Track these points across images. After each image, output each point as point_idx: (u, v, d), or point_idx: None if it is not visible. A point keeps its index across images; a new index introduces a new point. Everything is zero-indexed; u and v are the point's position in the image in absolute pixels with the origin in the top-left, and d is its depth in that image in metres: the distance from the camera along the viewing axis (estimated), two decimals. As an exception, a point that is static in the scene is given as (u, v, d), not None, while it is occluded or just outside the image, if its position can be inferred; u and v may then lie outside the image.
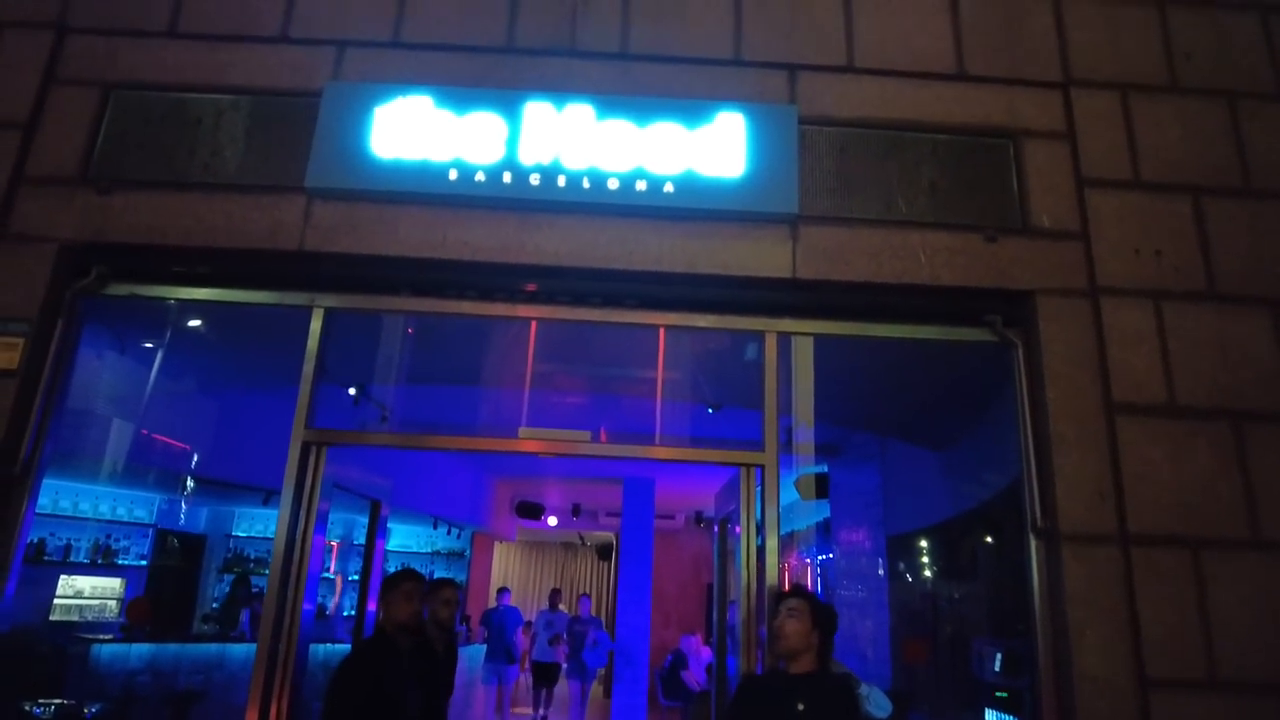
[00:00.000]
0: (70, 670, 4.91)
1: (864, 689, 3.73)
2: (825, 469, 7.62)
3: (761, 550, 3.29)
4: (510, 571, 15.19)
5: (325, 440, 3.34)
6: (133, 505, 7.58)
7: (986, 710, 4.11)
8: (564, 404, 4.95)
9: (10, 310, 3.27)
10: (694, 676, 9.15)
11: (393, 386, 4.73)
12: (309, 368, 3.37)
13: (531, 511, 11.22)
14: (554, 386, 4.14)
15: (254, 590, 7.65)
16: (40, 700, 4.09)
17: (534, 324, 3.84)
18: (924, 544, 6.17)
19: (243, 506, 9.17)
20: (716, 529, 4.18)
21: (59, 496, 6.96)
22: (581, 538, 15.44)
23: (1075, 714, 2.92)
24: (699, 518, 12.30)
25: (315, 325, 3.40)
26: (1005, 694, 4.01)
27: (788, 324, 3.51)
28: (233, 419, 6.37)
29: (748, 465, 3.39)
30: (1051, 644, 3.08)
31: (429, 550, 10.28)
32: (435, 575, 10.34)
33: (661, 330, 3.87)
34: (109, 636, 5.60)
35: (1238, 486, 3.15)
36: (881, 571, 6.98)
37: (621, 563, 9.62)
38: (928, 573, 6.15)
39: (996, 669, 4.12)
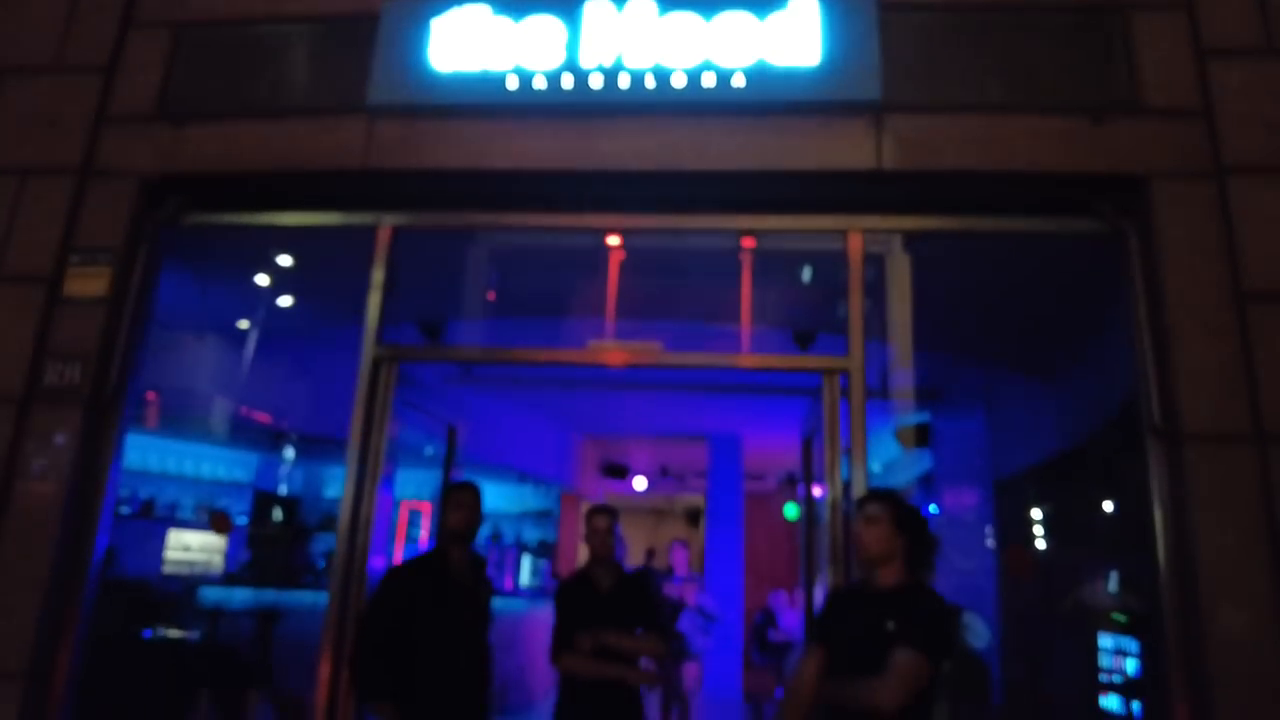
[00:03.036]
0: (178, 608, 5.15)
1: (966, 617, 3.50)
2: (927, 417, 7.26)
3: (847, 457, 3.10)
4: (600, 536, 15.19)
5: (396, 356, 3.30)
6: (232, 466, 7.88)
7: (1099, 634, 3.81)
8: (640, 329, 4.83)
9: (98, 241, 3.37)
10: (781, 633, 8.96)
11: (464, 321, 4.69)
12: (378, 277, 3.34)
13: (617, 472, 11.19)
14: (631, 314, 4.00)
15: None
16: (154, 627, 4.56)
17: (610, 251, 3.73)
18: (1034, 485, 5.78)
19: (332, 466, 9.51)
20: (801, 450, 3.98)
21: (165, 455, 7.30)
22: (670, 502, 15.39)
23: (1205, 631, 2.64)
24: (791, 479, 12.05)
25: (383, 239, 3.38)
26: (1124, 617, 3.69)
27: (874, 221, 3.28)
28: (320, 373, 6.53)
29: (831, 371, 3.19)
30: (1174, 555, 2.79)
31: (517, 511, 10.37)
32: (522, 538, 10.50)
33: (745, 253, 3.70)
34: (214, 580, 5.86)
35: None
36: (989, 527, 6.60)
37: (709, 525, 9.49)
38: (1038, 514, 5.75)
39: (1112, 590, 3.80)
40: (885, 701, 2.34)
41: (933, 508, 7.97)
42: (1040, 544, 5.62)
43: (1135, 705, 3.69)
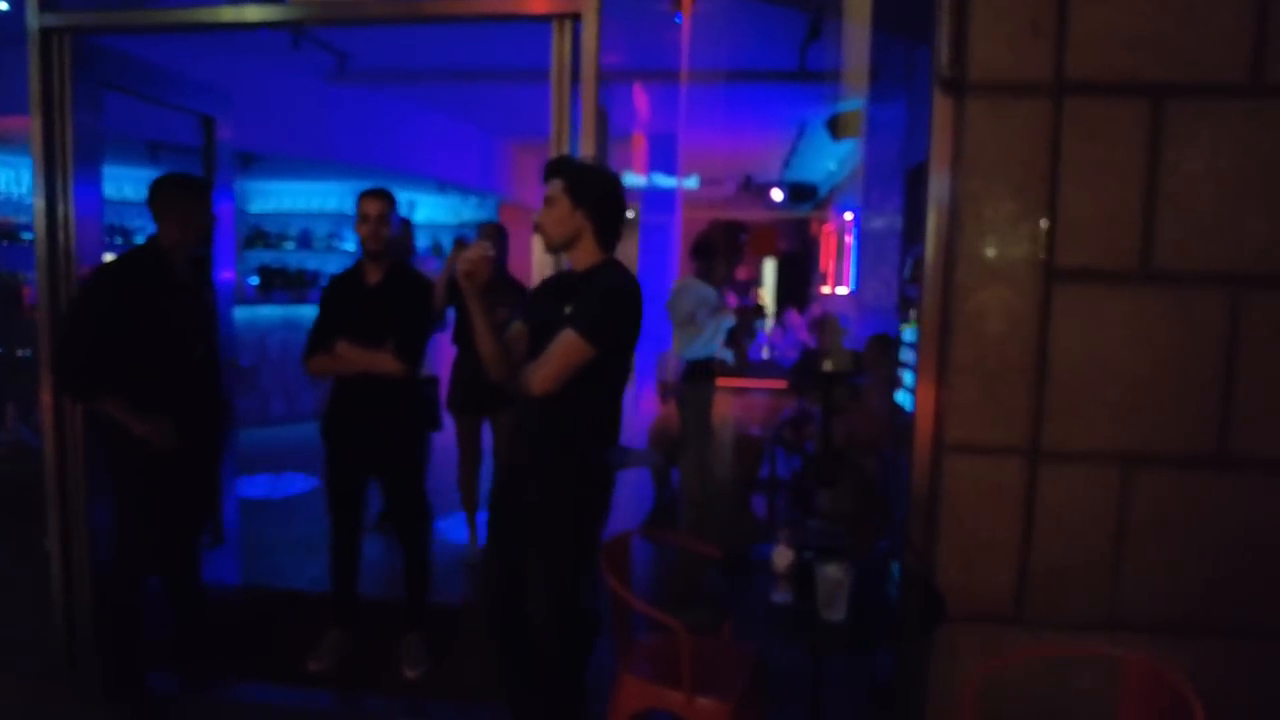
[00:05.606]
0: None
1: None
2: (861, 104, 6.58)
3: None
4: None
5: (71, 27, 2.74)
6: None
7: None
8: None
9: None
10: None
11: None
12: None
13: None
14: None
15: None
16: None
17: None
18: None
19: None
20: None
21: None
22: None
23: (956, 314, 2.32)
24: (748, 182, 11.46)
25: None
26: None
27: None
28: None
29: (560, 17, 2.60)
30: (945, 228, 2.39)
31: (455, 222, 10.06)
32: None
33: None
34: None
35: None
36: (901, 217, 6.15)
37: (643, 231, 9.11)
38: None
39: (908, 275, 3.49)
40: (531, 386, 2.14)
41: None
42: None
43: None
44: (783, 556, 1.99)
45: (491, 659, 2.55)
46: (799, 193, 11.03)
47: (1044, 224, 2.26)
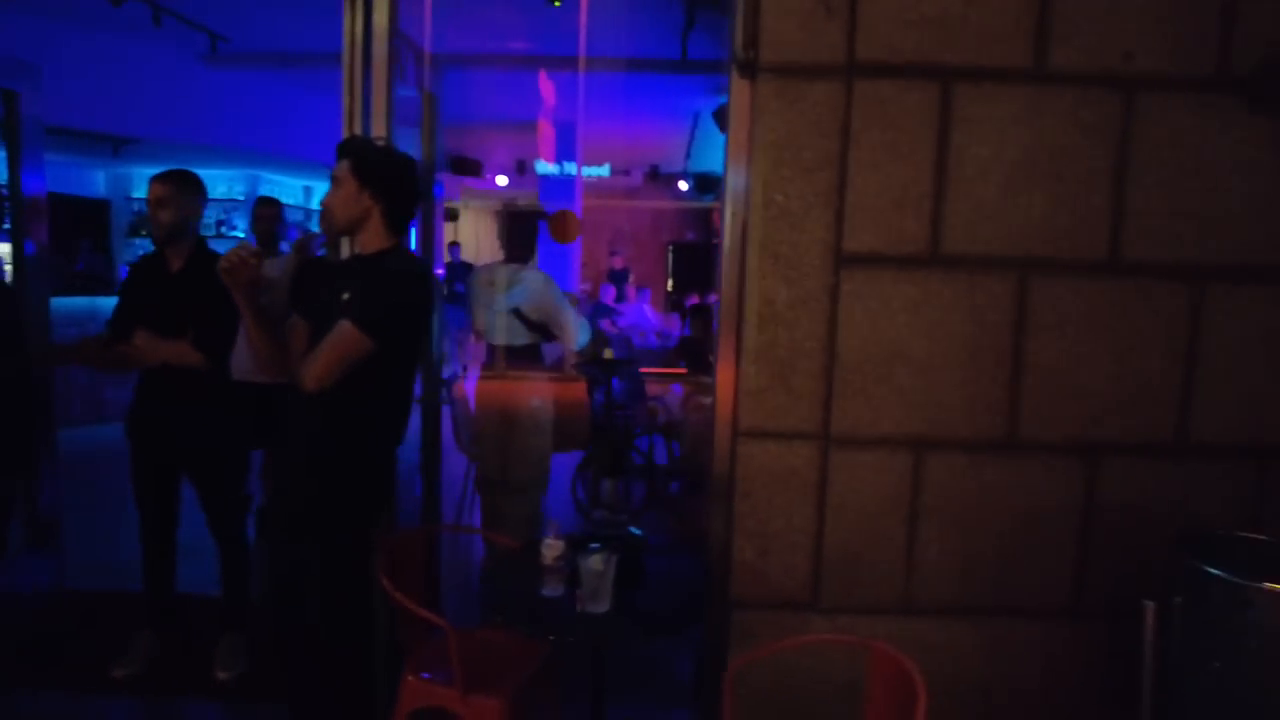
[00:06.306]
0: None
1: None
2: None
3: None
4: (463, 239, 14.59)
5: None
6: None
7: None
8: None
9: None
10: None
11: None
12: None
13: (467, 167, 10.47)
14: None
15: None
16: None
17: None
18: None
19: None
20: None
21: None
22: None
23: (751, 291, 2.28)
24: (654, 172, 11.43)
25: None
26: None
27: None
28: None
29: None
30: (741, 214, 2.35)
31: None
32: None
33: None
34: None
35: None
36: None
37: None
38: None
39: None
40: (304, 381, 2.02)
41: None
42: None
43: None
44: (551, 549, 1.92)
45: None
46: (704, 183, 11.07)
47: (834, 208, 2.23)
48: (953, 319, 2.24)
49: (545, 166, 9.67)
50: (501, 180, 11.42)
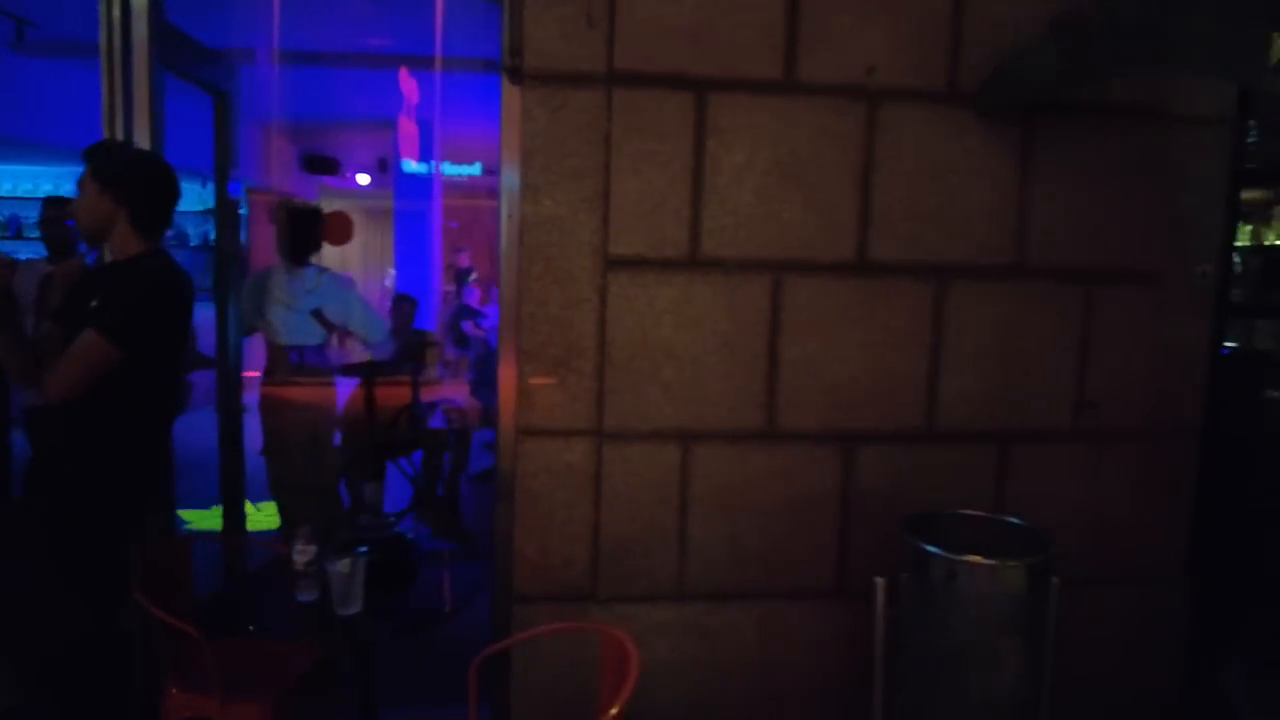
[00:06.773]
0: None
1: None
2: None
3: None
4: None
5: None
6: None
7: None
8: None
9: None
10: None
11: None
12: None
13: (322, 166, 10.14)
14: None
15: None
16: None
17: None
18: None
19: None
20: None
21: None
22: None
23: (526, 292, 2.33)
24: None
25: None
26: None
27: None
28: None
29: None
30: (516, 217, 2.39)
31: (200, 209, 9.31)
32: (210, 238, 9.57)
33: None
34: None
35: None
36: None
37: (398, 218, 8.82)
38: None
39: None
40: (48, 392, 1.94)
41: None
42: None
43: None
44: (302, 554, 1.92)
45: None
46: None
47: (601, 214, 2.31)
48: (713, 318, 2.36)
49: (410, 165, 9.50)
50: (363, 179, 11.12)
